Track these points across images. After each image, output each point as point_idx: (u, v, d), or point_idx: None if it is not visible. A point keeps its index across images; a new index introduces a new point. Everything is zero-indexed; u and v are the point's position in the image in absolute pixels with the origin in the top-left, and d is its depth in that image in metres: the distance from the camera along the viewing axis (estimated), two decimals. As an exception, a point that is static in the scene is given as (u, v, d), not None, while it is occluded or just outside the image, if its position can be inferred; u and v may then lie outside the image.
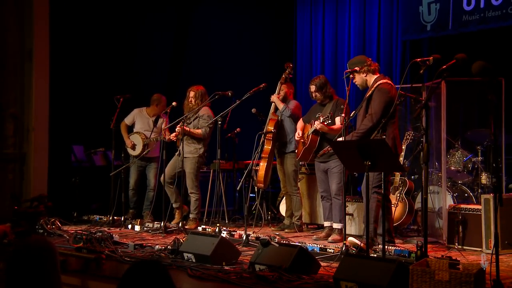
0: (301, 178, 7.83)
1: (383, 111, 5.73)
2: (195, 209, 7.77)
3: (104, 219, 8.00)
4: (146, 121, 8.37)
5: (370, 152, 4.66)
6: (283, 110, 7.36)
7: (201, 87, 7.75)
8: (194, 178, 7.73)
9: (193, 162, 7.72)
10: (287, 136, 7.46)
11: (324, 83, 6.89)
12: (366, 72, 5.99)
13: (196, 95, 7.66)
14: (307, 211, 7.86)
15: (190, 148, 7.73)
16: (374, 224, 5.81)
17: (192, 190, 7.73)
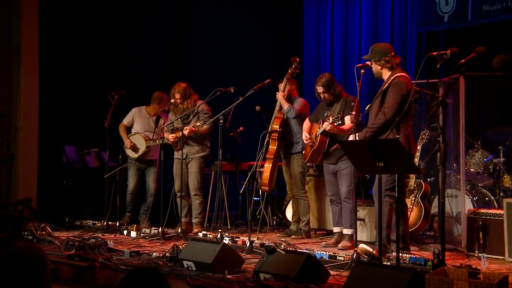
0: (309, 180, 7.83)
1: (398, 105, 5.70)
2: (199, 213, 7.79)
3: (98, 224, 8.00)
4: (147, 121, 8.38)
5: (383, 153, 4.65)
6: (288, 111, 7.35)
7: (182, 84, 7.74)
8: (200, 179, 7.76)
9: (199, 162, 7.77)
10: (294, 135, 7.45)
11: (331, 81, 6.86)
12: (382, 66, 5.96)
13: (182, 95, 7.65)
14: (315, 216, 7.85)
15: (194, 148, 7.76)
16: (387, 230, 5.79)
17: (196, 192, 7.75)
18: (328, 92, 6.84)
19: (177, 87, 7.71)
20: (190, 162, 7.75)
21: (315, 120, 7.04)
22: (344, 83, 10.02)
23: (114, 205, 7.96)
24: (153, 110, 8.39)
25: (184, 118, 7.72)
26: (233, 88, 7.25)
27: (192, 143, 7.74)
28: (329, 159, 6.86)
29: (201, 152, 7.77)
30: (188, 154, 7.74)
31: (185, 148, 7.75)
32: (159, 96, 8.39)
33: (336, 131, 6.63)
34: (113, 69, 9.49)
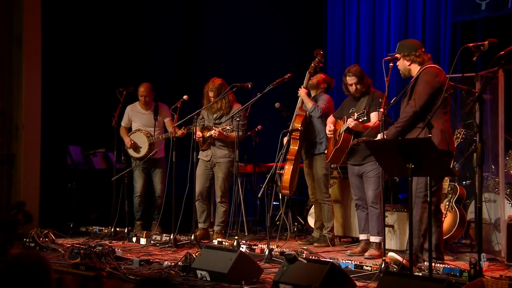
0: (333, 183, 7.81)
1: (428, 96, 5.66)
2: (222, 221, 7.82)
3: (105, 230, 8.05)
4: (144, 117, 8.40)
5: (413, 153, 4.63)
6: (312, 110, 7.33)
7: (217, 80, 7.75)
8: (227, 185, 7.79)
9: (227, 167, 7.76)
10: (317, 135, 7.44)
11: (362, 72, 6.89)
12: (411, 62, 5.93)
13: (216, 93, 7.63)
14: (340, 222, 7.83)
15: (223, 151, 7.78)
16: (419, 238, 5.76)
17: (222, 199, 7.79)
18: (360, 83, 6.81)
19: (211, 84, 7.71)
20: (216, 166, 7.77)
21: (339, 117, 7.02)
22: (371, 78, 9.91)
23: (122, 210, 8.00)
24: (145, 105, 8.38)
25: (216, 118, 7.75)
26: (250, 83, 7.25)
27: (220, 146, 7.77)
28: (354, 160, 6.84)
29: (228, 156, 7.76)
30: (213, 157, 7.77)
31: (211, 150, 7.78)
32: (145, 89, 8.33)
33: (361, 128, 6.60)
34: (121, 64, 9.54)
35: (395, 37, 10.01)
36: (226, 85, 7.64)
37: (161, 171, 8.35)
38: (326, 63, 10.80)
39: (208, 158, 7.78)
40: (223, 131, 7.50)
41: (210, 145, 7.77)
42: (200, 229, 7.79)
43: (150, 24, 9.98)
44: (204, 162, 7.80)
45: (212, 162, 7.79)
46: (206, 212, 7.86)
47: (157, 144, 8.28)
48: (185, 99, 7.56)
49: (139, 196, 8.40)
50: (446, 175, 6.40)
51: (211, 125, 7.73)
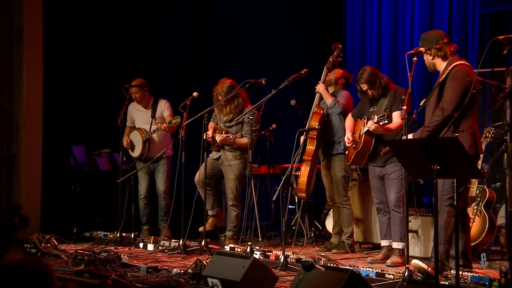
0: (352, 186, 7.79)
1: (459, 98, 5.64)
2: (234, 226, 7.82)
3: (110, 236, 8.07)
4: (143, 114, 8.42)
5: (439, 154, 4.61)
6: (332, 106, 7.33)
7: (226, 82, 7.69)
8: (239, 187, 7.79)
9: (238, 168, 7.77)
10: (335, 133, 7.43)
11: (374, 75, 6.80)
12: (433, 55, 5.91)
13: (226, 96, 7.61)
14: (360, 227, 7.81)
15: (233, 154, 7.79)
16: (445, 244, 5.74)
17: (234, 202, 7.78)
18: (372, 88, 6.79)
19: (220, 87, 7.68)
20: (227, 167, 7.79)
21: (359, 116, 7.00)
22: (394, 74, 9.95)
23: (128, 214, 8.01)
24: (141, 102, 8.39)
25: (226, 121, 7.77)
26: (264, 79, 7.24)
27: (230, 149, 7.77)
28: (376, 161, 6.82)
29: (241, 157, 7.76)
30: (223, 159, 7.79)
31: (220, 152, 7.81)
32: (139, 86, 8.32)
33: (382, 131, 6.59)
34: (128, 59, 9.55)
35: (419, 29, 9.95)
36: (237, 86, 7.61)
37: (163, 170, 8.34)
38: (345, 58, 10.77)
39: (217, 156, 7.80)
40: (226, 139, 7.50)
41: (220, 147, 7.77)
42: (211, 218, 7.79)
43: (159, 17, 9.99)
44: (213, 160, 7.81)
45: (222, 162, 7.79)
46: (213, 197, 7.85)
47: (163, 142, 8.27)
48: (195, 96, 7.56)
49: (144, 198, 8.43)
50: (474, 177, 6.38)
51: (222, 127, 7.74)
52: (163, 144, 8.29)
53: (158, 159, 8.23)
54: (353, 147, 6.89)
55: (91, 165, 9.30)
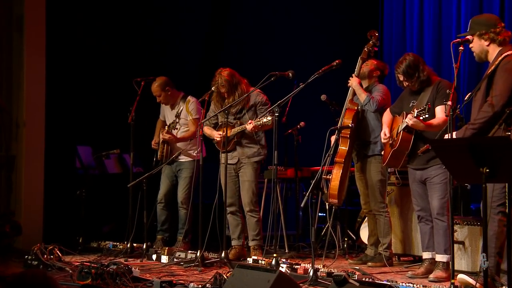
0: (390, 191, 7.76)
1: (511, 92, 5.59)
2: (257, 233, 7.79)
3: (119, 246, 8.12)
4: (170, 114, 8.51)
5: (488, 155, 4.58)
6: (366, 103, 7.30)
7: (224, 71, 7.66)
8: (255, 189, 7.78)
9: (253, 168, 7.76)
10: (371, 133, 7.41)
11: (413, 67, 6.75)
12: (490, 41, 5.83)
13: (228, 88, 7.60)
14: (399, 238, 7.78)
15: (250, 150, 7.77)
16: (495, 257, 5.70)
17: (251, 207, 7.76)
18: (409, 80, 6.75)
19: (219, 78, 7.63)
20: (241, 169, 7.79)
21: (398, 112, 6.97)
22: (437, 65, 9.90)
23: (140, 222, 8.03)
24: (165, 102, 8.46)
25: (236, 113, 7.77)
26: (291, 71, 7.23)
27: (248, 144, 7.77)
28: (416, 163, 6.78)
29: (258, 155, 7.77)
30: (241, 158, 7.79)
31: (237, 151, 7.78)
32: (154, 89, 8.35)
33: (422, 126, 6.54)
34: (139, 51, 9.59)
35: (466, 14, 9.90)
36: (237, 74, 7.66)
37: (184, 176, 8.38)
38: (382, 47, 10.74)
39: (234, 160, 7.80)
40: (258, 124, 7.47)
41: (235, 145, 7.75)
42: (235, 247, 7.80)
43: (172, 7, 10.01)
44: (228, 167, 7.73)
45: (238, 165, 7.79)
46: (241, 226, 7.87)
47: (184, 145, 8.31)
48: (213, 91, 7.60)
49: (161, 203, 8.47)
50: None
51: (233, 122, 7.72)
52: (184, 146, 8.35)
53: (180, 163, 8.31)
54: (389, 144, 6.85)
55: (99, 168, 9.35)
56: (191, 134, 8.28)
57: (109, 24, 9.41)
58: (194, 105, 8.32)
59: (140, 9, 9.68)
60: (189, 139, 8.32)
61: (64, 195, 8.72)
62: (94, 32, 9.28)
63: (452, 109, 5.60)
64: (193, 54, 10.37)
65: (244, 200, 7.79)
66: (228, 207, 7.69)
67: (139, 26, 9.67)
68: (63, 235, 8.02)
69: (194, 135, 8.22)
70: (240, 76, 7.68)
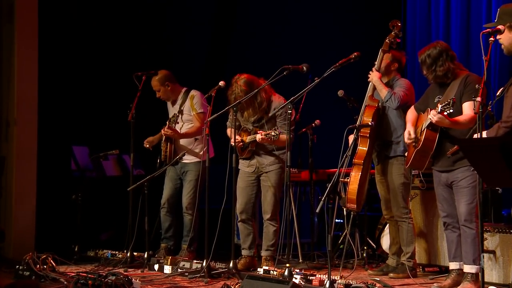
0: (414, 195, 7.75)
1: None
2: (272, 244, 7.82)
3: (119, 255, 8.14)
4: (172, 111, 8.57)
5: (522, 156, 4.58)
6: (387, 100, 7.28)
7: (241, 77, 7.67)
8: (278, 196, 7.79)
9: (278, 174, 7.78)
10: (393, 132, 7.41)
11: (434, 58, 6.72)
12: (521, 31, 5.83)
13: (246, 94, 7.61)
14: (423, 247, 7.77)
15: (270, 158, 7.81)
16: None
17: (273, 215, 7.78)
18: (425, 69, 6.74)
19: (236, 88, 7.63)
20: (263, 176, 7.82)
21: (422, 109, 6.94)
22: (466, 57, 9.89)
23: (141, 229, 8.04)
24: (170, 99, 8.53)
25: (255, 121, 7.80)
26: (305, 65, 7.21)
27: (264, 154, 7.82)
28: (441, 164, 6.75)
29: (279, 162, 7.78)
30: (260, 167, 7.82)
31: (255, 159, 7.83)
32: (153, 83, 8.41)
33: (448, 123, 6.50)
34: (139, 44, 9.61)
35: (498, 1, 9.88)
36: (255, 79, 7.66)
37: (189, 179, 8.42)
38: (405, 39, 10.74)
39: (252, 169, 7.83)
40: (267, 137, 7.49)
41: (253, 153, 7.78)
42: (245, 257, 7.80)
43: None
44: (246, 173, 7.83)
45: (258, 172, 7.81)
46: (253, 235, 7.88)
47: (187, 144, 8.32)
48: (221, 86, 7.60)
49: (164, 208, 8.51)
50: None
51: (251, 128, 7.73)
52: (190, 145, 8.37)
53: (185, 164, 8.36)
54: (413, 145, 6.83)
55: (96, 170, 9.37)
56: (196, 130, 8.30)
57: (109, 14, 9.43)
58: (199, 99, 8.36)
59: (143, 2, 9.70)
60: (193, 136, 8.34)
61: (58, 200, 8.75)
62: (91, 23, 9.29)
63: (482, 106, 5.58)
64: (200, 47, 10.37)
65: (266, 207, 7.82)
66: (239, 213, 7.73)
67: (141, 16, 9.69)
68: (57, 243, 8.04)
69: (199, 132, 8.23)
70: (258, 82, 7.63)
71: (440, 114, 6.40)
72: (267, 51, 9.86)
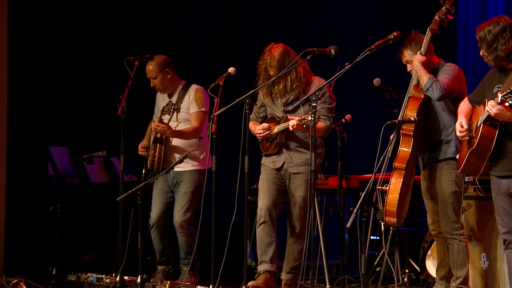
0: (467, 207, 7.71)
1: None
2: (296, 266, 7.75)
3: (106, 280, 8.13)
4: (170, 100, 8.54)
5: None
6: (428, 88, 7.22)
7: (276, 48, 7.68)
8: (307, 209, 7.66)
9: (307, 180, 7.66)
10: (443, 130, 7.36)
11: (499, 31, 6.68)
12: None
13: (277, 67, 7.57)
14: (479, 270, 7.73)
15: (303, 156, 7.75)
16: None
17: (302, 231, 7.69)
18: (488, 49, 6.68)
19: (269, 56, 7.64)
20: (292, 180, 7.76)
21: (478, 101, 6.88)
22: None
23: (133, 248, 8.03)
24: (161, 90, 8.53)
25: (287, 103, 7.75)
26: (333, 47, 7.15)
27: (298, 147, 7.76)
28: (501, 168, 6.67)
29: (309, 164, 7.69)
30: (288, 166, 7.76)
31: (282, 155, 7.78)
32: (149, 68, 8.39)
33: (509, 116, 6.45)
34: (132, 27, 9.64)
35: None
36: (293, 52, 7.65)
37: (184, 190, 8.41)
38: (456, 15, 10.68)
39: (278, 164, 7.78)
40: (301, 122, 7.42)
41: (281, 147, 7.71)
42: (265, 273, 7.75)
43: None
44: (271, 169, 7.80)
45: (286, 173, 7.75)
46: (275, 246, 7.80)
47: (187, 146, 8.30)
48: (231, 73, 7.57)
49: (155, 228, 8.48)
50: None
51: (280, 116, 7.69)
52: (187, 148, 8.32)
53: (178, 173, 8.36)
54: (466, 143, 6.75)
55: (79, 176, 9.37)
56: (192, 131, 8.30)
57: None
58: (203, 95, 8.38)
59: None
60: (188, 137, 8.33)
61: (32, 212, 8.77)
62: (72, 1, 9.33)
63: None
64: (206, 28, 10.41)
65: (294, 222, 7.76)
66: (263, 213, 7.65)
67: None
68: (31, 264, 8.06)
69: (196, 134, 8.28)
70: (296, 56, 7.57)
71: (501, 105, 6.32)
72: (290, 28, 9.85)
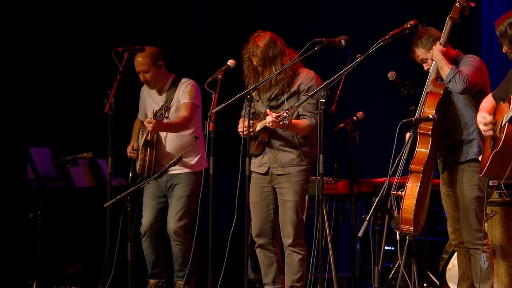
0: (492, 214, 7.69)
1: None
2: (299, 278, 7.74)
3: (92, 295, 8.14)
4: (156, 103, 8.58)
5: None
6: (450, 80, 7.21)
7: (261, 37, 7.68)
8: (301, 213, 7.71)
9: (298, 183, 7.67)
10: (464, 129, 7.36)
11: None
12: None
13: (261, 60, 7.59)
14: (505, 283, 7.71)
15: (288, 155, 7.73)
16: None
17: (296, 239, 7.70)
18: (510, 45, 6.69)
19: (252, 45, 7.64)
20: (279, 184, 7.75)
21: (503, 97, 6.88)
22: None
23: (122, 259, 8.04)
24: (150, 85, 8.57)
25: (271, 98, 7.75)
26: (343, 37, 7.16)
27: (282, 146, 7.75)
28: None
29: (299, 165, 7.71)
30: (272, 167, 7.74)
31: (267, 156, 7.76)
32: (139, 60, 8.42)
33: (533, 115, 6.48)
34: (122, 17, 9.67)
35: None
36: (281, 42, 7.67)
37: (179, 194, 8.46)
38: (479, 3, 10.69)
39: (264, 169, 7.77)
40: (278, 120, 7.39)
41: (264, 147, 7.70)
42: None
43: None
44: (258, 177, 7.78)
45: (272, 177, 7.73)
46: (277, 265, 7.82)
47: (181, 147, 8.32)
48: (230, 66, 7.60)
49: (147, 237, 8.51)
50: None
51: (263, 112, 7.68)
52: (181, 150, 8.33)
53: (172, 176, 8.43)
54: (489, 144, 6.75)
55: (62, 179, 9.36)
56: (182, 121, 8.37)
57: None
58: (196, 88, 8.47)
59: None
60: (179, 127, 8.40)
61: (10, 220, 8.76)
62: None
63: None
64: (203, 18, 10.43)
65: (286, 230, 7.73)
66: (256, 238, 7.70)
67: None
68: (9, 278, 8.04)
69: (186, 124, 8.36)
70: (284, 46, 7.64)
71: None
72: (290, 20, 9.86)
